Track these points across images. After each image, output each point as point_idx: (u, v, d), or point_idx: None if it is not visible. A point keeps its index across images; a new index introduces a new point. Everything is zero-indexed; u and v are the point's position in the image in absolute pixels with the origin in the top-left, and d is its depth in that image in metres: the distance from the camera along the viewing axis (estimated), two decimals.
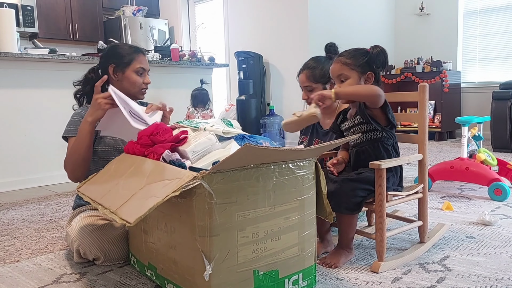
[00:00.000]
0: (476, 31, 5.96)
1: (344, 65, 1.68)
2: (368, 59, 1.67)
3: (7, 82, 3.30)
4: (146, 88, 1.96)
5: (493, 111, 4.50)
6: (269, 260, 1.31)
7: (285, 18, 5.42)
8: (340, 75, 1.69)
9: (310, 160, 1.40)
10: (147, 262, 1.53)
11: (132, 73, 1.90)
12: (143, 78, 1.93)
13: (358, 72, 1.66)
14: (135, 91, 1.92)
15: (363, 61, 1.67)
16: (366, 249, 1.81)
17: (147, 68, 1.95)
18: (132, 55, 1.90)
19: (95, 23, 6.43)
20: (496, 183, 2.55)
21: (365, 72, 1.67)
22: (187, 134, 1.53)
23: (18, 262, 1.79)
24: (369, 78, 1.68)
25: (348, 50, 1.72)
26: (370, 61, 1.67)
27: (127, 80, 1.90)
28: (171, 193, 1.13)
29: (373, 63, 1.67)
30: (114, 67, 1.89)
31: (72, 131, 1.84)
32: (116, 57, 1.90)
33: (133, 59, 1.90)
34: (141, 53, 1.94)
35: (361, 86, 1.65)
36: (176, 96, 4.34)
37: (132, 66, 1.90)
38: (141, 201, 1.21)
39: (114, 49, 1.94)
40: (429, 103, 5.77)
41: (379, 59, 1.67)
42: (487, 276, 1.50)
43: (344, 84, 1.68)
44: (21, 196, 3.12)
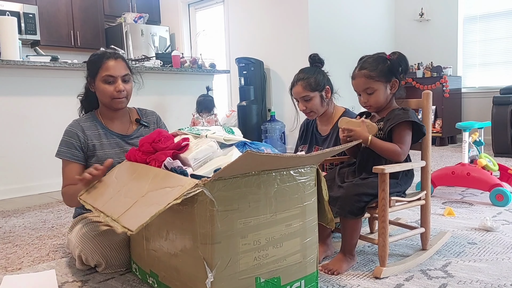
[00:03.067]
0: (476, 37, 5.98)
1: (369, 78, 1.68)
2: (390, 67, 1.68)
3: (9, 90, 3.31)
4: (119, 97, 1.81)
5: (494, 116, 4.51)
6: (271, 267, 1.31)
7: (286, 25, 5.44)
8: (366, 88, 1.70)
9: (311, 167, 1.40)
10: (148, 270, 1.53)
11: (100, 82, 1.80)
12: (114, 86, 1.79)
13: (383, 82, 1.68)
14: (108, 101, 1.82)
15: (386, 70, 1.68)
16: (368, 256, 1.80)
17: (118, 74, 1.79)
18: (97, 64, 1.79)
19: (96, 30, 6.47)
20: (498, 189, 2.55)
21: (389, 80, 1.69)
22: (188, 141, 1.54)
23: (19, 270, 1.79)
24: (394, 85, 1.70)
25: (368, 61, 1.71)
26: (392, 69, 1.68)
27: (98, 90, 1.83)
28: (173, 200, 1.14)
29: (395, 70, 1.68)
30: (88, 79, 1.86)
31: (63, 153, 1.83)
32: (87, 67, 1.86)
33: (99, 68, 1.79)
34: (110, 59, 1.79)
35: (390, 147, 1.64)
36: (178, 102, 4.35)
37: (99, 76, 1.79)
38: (143, 208, 1.22)
39: (88, 59, 1.89)
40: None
41: (401, 66, 1.69)
42: (489, 283, 1.50)
43: (372, 97, 1.69)
44: (22, 203, 3.13)
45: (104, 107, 1.90)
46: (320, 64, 2.10)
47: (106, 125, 1.91)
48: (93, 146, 1.85)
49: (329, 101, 2.10)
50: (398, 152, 1.64)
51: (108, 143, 1.87)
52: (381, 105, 1.73)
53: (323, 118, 2.15)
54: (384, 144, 1.65)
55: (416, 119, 1.66)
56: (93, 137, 1.86)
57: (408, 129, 1.66)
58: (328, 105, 2.11)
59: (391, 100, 1.74)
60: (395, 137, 1.66)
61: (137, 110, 2.04)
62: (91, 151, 1.85)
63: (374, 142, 1.65)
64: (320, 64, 2.10)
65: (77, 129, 1.85)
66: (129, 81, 1.87)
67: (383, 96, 1.70)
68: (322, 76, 2.05)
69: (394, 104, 1.75)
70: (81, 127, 1.86)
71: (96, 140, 1.86)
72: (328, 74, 2.11)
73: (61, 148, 1.85)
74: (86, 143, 1.85)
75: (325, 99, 2.06)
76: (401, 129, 1.65)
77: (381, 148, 1.65)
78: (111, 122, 1.93)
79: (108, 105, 1.86)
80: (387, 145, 1.65)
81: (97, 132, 1.88)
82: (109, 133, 1.89)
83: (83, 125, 1.87)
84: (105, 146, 1.86)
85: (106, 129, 1.90)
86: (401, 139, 1.65)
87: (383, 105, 1.73)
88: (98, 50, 1.93)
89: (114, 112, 1.91)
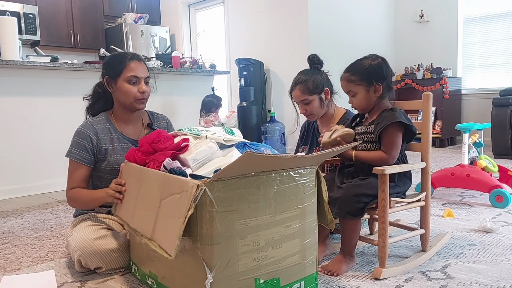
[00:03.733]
0: (476, 38, 5.98)
1: (350, 82, 1.73)
2: (371, 71, 1.69)
3: (9, 90, 3.31)
4: (142, 98, 1.83)
5: (494, 118, 4.51)
6: (270, 268, 1.30)
7: (286, 25, 5.44)
8: (349, 91, 1.75)
9: (311, 168, 1.40)
10: (148, 271, 1.52)
11: (123, 82, 1.79)
12: (137, 86, 1.81)
13: (365, 86, 1.70)
14: (131, 101, 1.82)
15: (367, 75, 1.69)
16: (368, 257, 1.80)
17: (142, 75, 1.82)
18: (122, 64, 1.80)
19: (96, 30, 6.46)
20: (497, 190, 2.55)
21: (371, 84, 1.70)
22: (188, 142, 1.54)
23: (18, 270, 1.79)
24: (377, 89, 1.70)
25: (352, 64, 1.75)
26: (373, 74, 1.69)
27: (120, 90, 1.81)
28: (187, 212, 1.15)
29: (376, 75, 1.69)
30: (108, 79, 1.84)
31: (73, 154, 1.81)
32: (108, 67, 1.85)
33: (124, 68, 1.79)
34: (134, 60, 1.82)
35: (376, 156, 1.66)
36: (178, 103, 4.35)
37: (123, 76, 1.79)
38: (166, 223, 1.25)
39: (107, 59, 1.88)
40: None
41: (381, 71, 1.70)
42: (488, 284, 1.50)
43: (355, 99, 1.73)
44: (22, 203, 3.13)
45: (121, 109, 1.88)
46: (319, 65, 2.10)
47: (119, 129, 1.88)
48: (106, 150, 1.83)
49: (329, 102, 2.10)
50: (385, 158, 1.65)
51: (120, 148, 1.85)
52: (365, 108, 1.75)
53: (324, 119, 2.15)
54: (368, 155, 1.69)
55: (404, 119, 1.66)
56: (107, 140, 1.84)
57: (397, 131, 1.66)
58: (328, 107, 2.11)
59: (380, 102, 1.74)
60: (383, 142, 1.67)
61: (148, 113, 2.02)
62: (103, 155, 1.83)
63: (358, 156, 1.70)
64: (319, 65, 2.10)
65: (90, 131, 1.82)
66: (149, 84, 1.88)
67: (364, 100, 1.72)
68: (320, 78, 2.05)
69: (385, 105, 1.75)
70: (95, 130, 1.83)
71: (109, 144, 1.84)
72: (328, 74, 2.11)
73: (72, 149, 1.82)
74: (99, 146, 1.82)
75: (325, 101, 2.06)
76: (388, 133, 1.65)
77: (366, 159, 1.69)
78: (124, 126, 1.91)
79: (129, 106, 1.85)
80: (372, 155, 1.68)
81: (110, 135, 1.85)
82: (122, 137, 1.88)
83: (96, 128, 1.84)
84: (117, 151, 1.84)
85: (119, 133, 1.88)
86: (389, 144, 1.65)
87: (367, 107, 1.75)
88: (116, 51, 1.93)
89: (130, 114, 1.90)
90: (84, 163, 1.81)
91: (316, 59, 2.09)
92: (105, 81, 1.85)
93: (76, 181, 1.81)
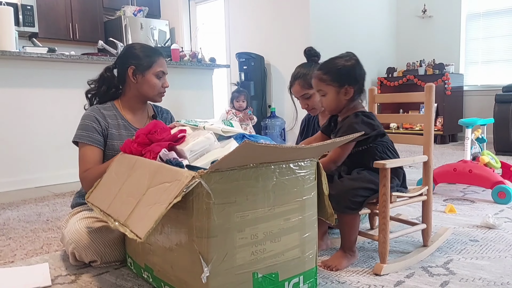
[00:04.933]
0: (479, 34, 5.93)
1: (321, 81, 1.64)
2: (342, 73, 1.61)
3: (5, 81, 3.26)
4: (164, 92, 1.91)
5: (496, 114, 4.47)
6: (268, 262, 1.27)
7: (287, 20, 5.39)
8: (319, 90, 1.67)
9: (312, 160, 1.36)
10: (143, 264, 1.49)
11: (152, 76, 1.84)
12: (162, 81, 1.88)
13: (335, 87, 1.62)
14: (154, 94, 1.87)
15: (339, 75, 1.61)
16: (368, 252, 1.77)
17: (167, 72, 1.91)
18: (153, 58, 1.85)
19: (95, 23, 6.41)
20: (500, 186, 2.52)
21: (342, 86, 1.61)
22: (185, 133, 1.50)
23: (12, 263, 1.75)
24: (347, 92, 1.62)
25: (325, 63, 1.67)
26: (345, 76, 1.61)
27: (147, 83, 1.84)
28: (174, 199, 1.10)
29: (348, 77, 1.61)
30: (134, 69, 1.83)
31: (84, 137, 1.77)
32: (136, 58, 1.84)
33: (154, 62, 1.85)
34: (161, 56, 1.89)
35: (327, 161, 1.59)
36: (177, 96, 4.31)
37: (153, 69, 1.84)
38: (145, 209, 1.19)
39: (134, 51, 1.88)
40: None
41: (353, 73, 1.62)
42: (492, 280, 1.47)
43: (324, 99, 1.65)
44: (18, 196, 3.09)
45: (135, 98, 1.89)
46: (317, 57, 2.05)
47: (125, 117, 1.89)
48: (112, 135, 1.82)
49: None
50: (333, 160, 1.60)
51: (126, 135, 1.83)
52: (333, 109, 1.67)
53: (325, 112, 2.11)
54: (324, 161, 1.59)
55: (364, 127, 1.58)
56: (113, 126, 1.84)
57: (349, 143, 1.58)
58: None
59: (350, 104, 1.66)
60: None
61: (152, 106, 2.03)
62: (110, 139, 1.82)
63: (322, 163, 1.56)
64: (317, 57, 2.05)
65: (97, 114, 1.82)
66: None
67: (334, 101, 1.64)
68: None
69: (356, 107, 1.66)
70: (102, 114, 1.83)
71: (115, 130, 1.84)
72: None
73: (79, 132, 1.79)
74: (107, 129, 1.82)
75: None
76: None
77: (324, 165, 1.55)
78: (131, 115, 1.91)
79: (150, 98, 1.89)
80: (325, 161, 1.60)
81: (117, 122, 1.86)
82: (128, 125, 1.88)
83: (104, 112, 1.84)
84: (123, 137, 1.81)
85: (125, 120, 1.88)
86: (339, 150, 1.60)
87: (336, 109, 1.67)
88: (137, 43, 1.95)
89: (141, 105, 1.93)
90: (95, 144, 1.78)
91: (313, 51, 2.05)
92: (129, 71, 1.83)
93: (90, 163, 1.76)
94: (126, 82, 1.87)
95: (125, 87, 1.89)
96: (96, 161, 1.77)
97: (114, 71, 1.91)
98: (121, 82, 1.90)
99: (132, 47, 1.90)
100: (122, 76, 1.87)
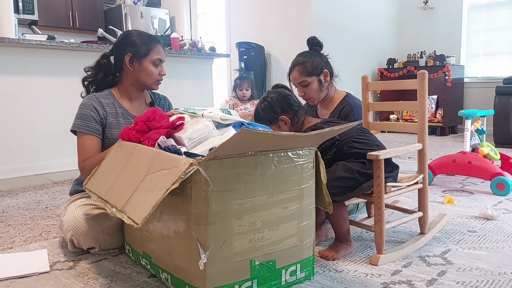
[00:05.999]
0: (481, 26, 5.90)
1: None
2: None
3: (4, 68, 3.25)
4: (161, 79, 1.90)
5: (496, 106, 4.46)
6: (266, 250, 1.27)
7: (288, 9, 5.35)
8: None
9: (310, 149, 1.36)
10: (141, 251, 1.49)
11: (149, 64, 1.83)
12: (159, 69, 1.86)
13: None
14: (151, 82, 1.86)
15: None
16: (366, 241, 1.77)
17: (164, 59, 1.89)
18: (150, 45, 1.83)
19: (95, 11, 6.36)
20: (499, 178, 2.52)
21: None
22: (183, 120, 1.49)
23: (11, 249, 1.76)
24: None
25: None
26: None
27: (144, 71, 1.83)
28: (171, 185, 1.10)
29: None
30: (131, 57, 1.82)
31: (82, 126, 1.77)
32: (133, 46, 1.83)
33: (151, 50, 1.83)
34: (158, 44, 1.87)
35: None
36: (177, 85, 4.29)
37: (150, 57, 1.82)
38: (143, 196, 1.19)
39: (131, 38, 1.86)
40: (432, 98, 5.71)
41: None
42: (489, 270, 1.47)
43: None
44: (17, 184, 3.09)
45: (132, 86, 1.87)
46: (319, 47, 2.05)
47: (123, 105, 1.88)
48: (110, 124, 1.81)
49: (328, 85, 2.05)
50: None
51: (124, 123, 1.82)
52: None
53: (323, 102, 2.10)
54: None
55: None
56: (111, 114, 1.83)
57: None
58: (328, 89, 2.06)
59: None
60: None
61: (150, 93, 2.02)
62: (108, 128, 1.81)
63: None
64: (319, 47, 2.05)
65: (95, 103, 1.80)
66: None
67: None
68: (320, 60, 2.00)
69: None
70: (100, 103, 1.82)
71: (113, 119, 1.83)
72: (328, 57, 2.06)
73: (77, 121, 1.78)
74: (105, 118, 1.81)
75: (324, 83, 2.01)
76: None
77: None
78: (129, 103, 1.90)
79: (147, 86, 1.88)
80: None
81: (115, 110, 1.85)
82: (127, 113, 1.87)
83: (102, 101, 1.83)
84: (121, 126, 1.80)
85: (124, 109, 1.87)
86: None
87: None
88: (134, 30, 1.95)
89: (139, 92, 1.91)
90: (93, 133, 1.77)
91: (315, 41, 2.05)
92: (126, 59, 1.82)
93: (89, 152, 1.76)
94: (123, 69, 1.85)
95: (122, 74, 1.88)
96: (94, 151, 1.76)
97: (111, 58, 1.90)
98: (118, 69, 1.88)
99: (129, 34, 1.88)
100: (119, 63, 1.86)
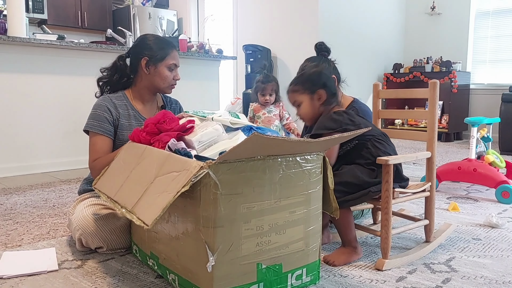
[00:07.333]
0: (487, 32, 5.89)
1: (294, 92, 1.75)
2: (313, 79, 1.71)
3: (14, 67, 3.28)
4: (175, 84, 1.93)
5: (502, 113, 4.45)
6: (273, 254, 1.29)
7: (295, 13, 5.37)
8: (294, 102, 1.77)
9: (318, 154, 1.37)
10: (149, 252, 1.51)
11: (164, 68, 1.87)
12: (173, 74, 1.90)
13: (308, 95, 1.71)
14: (165, 86, 1.90)
15: (308, 83, 1.71)
16: (371, 247, 1.78)
17: (179, 64, 1.93)
18: (166, 50, 1.87)
19: (104, 11, 6.41)
20: (504, 186, 2.52)
21: (314, 91, 1.70)
22: (194, 123, 1.51)
23: (19, 247, 1.78)
24: (320, 96, 1.69)
25: (296, 77, 1.79)
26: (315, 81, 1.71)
27: (159, 75, 1.87)
28: (181, 188, 1.12)
29: (318, 82, 1.70)
30: (147, 61, 1.85)
31: (95, 126, 1.79)
32: (149, 50, 1.86)
33: (168, 55, 1.87)
34: (174, 49, 1.91)
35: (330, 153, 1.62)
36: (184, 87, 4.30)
37: (166, 62, 1.86)
38: (153, 197, 1.20)
39: (148, 42, 1.89)
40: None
41: (322, 77, 1.71)
42: (493, 279, 1.48)
43: (301, 108, 1.74)
44: (25, 181, 3.12)
45: (146, 89, 1.90)
46: (327, 52, 2.06)
47: (135, 107, 1.91)
48: (122, 125, 1.84)
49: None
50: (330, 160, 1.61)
51: (136, 125, 1.85)
52: (310, 117, 1.74)
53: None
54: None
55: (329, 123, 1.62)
56: (124, 116, 1.86)
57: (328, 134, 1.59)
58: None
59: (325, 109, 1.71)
60: None
61: (162, 96, 2.05)
62: (120, 129, 1.84)
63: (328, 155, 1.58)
64: (327, 52, 2.06)
65: (109, 104, 1.83)
66: None
67: (310, 108, 1.71)
68: (327, 66, 1.99)
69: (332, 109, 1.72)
70: (114, 104, 1.85)
71: (126, 120, 1.86)
72: (335, 63, 2.07)
73: (90, 121, 1.81)
74: (118, 119, 1.84)
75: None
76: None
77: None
78: (141, 105, 1.93)
79: (161, 90, 1.91)
80: None
81: (128, 112, 1.87)
82: (139, 115, 1.90)
83: (115, 102, 1.86)
84: (133, 128, 1.81)
85: (136, 111, 1.90)
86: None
87: (313, 116, 1.73)
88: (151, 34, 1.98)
89: (151, 96, 1.95)
90: (106, 134, 1.80)
91: (323, 46, 2.06)
92: (143, 62, 1.85)
93: (100, 152, 1.78)
94: (138, 72, 1.88)
95: (137, 77, 1.91)
96: (106, 151, 1.79)
97: (126, 60, 1.93)
98: (133, 72, 1.91)
99: (146, 38, 1.92)
100: (135, 66, 1.89)
